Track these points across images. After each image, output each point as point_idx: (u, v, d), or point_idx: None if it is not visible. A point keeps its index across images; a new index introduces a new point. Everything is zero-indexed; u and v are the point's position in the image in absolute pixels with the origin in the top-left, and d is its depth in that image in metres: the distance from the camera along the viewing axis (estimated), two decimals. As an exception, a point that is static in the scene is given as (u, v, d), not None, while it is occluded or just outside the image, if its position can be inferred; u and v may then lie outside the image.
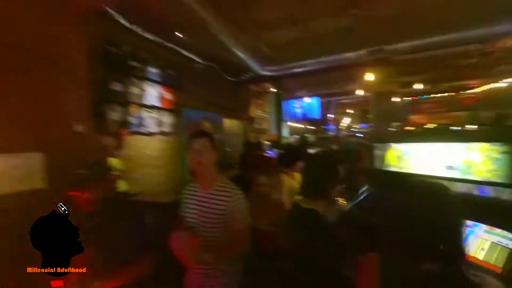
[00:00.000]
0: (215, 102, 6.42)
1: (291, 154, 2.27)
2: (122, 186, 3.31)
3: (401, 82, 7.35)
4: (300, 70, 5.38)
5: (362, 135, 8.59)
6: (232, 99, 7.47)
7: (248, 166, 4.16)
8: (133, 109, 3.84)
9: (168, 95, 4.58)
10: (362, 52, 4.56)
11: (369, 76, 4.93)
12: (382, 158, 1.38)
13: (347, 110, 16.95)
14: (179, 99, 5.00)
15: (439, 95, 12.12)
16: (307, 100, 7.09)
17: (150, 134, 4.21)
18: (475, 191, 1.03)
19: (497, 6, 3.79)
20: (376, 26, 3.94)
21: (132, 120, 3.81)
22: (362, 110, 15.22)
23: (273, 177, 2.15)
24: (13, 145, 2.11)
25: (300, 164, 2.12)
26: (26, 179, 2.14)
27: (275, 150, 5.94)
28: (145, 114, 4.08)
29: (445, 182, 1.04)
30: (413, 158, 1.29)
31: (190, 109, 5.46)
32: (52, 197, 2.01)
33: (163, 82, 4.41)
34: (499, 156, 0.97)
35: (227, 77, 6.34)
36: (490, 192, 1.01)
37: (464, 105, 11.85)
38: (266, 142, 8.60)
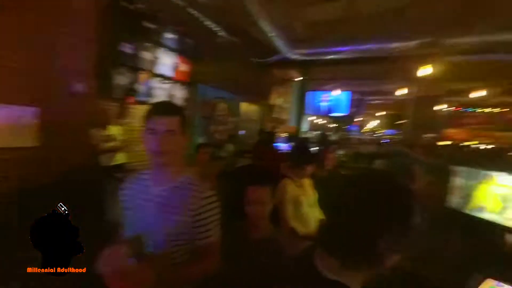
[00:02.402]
0: (235, 83, 6.00)
1: (302, 154, 1.74)
2: (119, 158, 3.08)
3: (450, 89, 6.33)
4: (331, 57, 4.71)
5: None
6: (253, 82, 6.99)
7: (257, 158, 3.77)
8: (143, 76, 3.53)
9: (183, 66, 4.22)
10: (412, 43, 3.80)
11: (415, 75, 4.16)
12: (468, 194, 0.83)
13: (377, 113, 15.74)
14: (196, 73, 4.63)
15: (487, 110, 10.66)
16: (335, 93, 6.39)
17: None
18: None
19: None
20: (434, 11, 3.10)
21: (140, 88, 3.51)
22: (394, 115, 13.96)
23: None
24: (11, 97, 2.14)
25: (310, 169, 1.65)
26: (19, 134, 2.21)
27: (291, 145, 5.48)
28: (155, 83, 3.76)
29: None
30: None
31: (207, 85, 5.09)
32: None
33: (180, 51, 4.03)
34: None
35: (251, 57, 5.83)
36: None
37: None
38: (282, 134, 8.11)
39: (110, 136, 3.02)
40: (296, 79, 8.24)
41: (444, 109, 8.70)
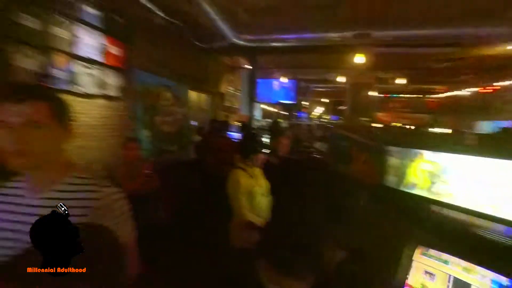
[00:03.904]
0: (180, 70, 5.54)
1: (253, 143, 1.67)
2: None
3: (378, 77, 7.21)
4: (278, 44, 4.74)
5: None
6: (201, 69, 6.60)
7: (209, 149, 3.59)
8: (59, 59, 2.90)
9: (115, 50, 3.64)
10: (347, 34, 4.09)
11: (350, 64, 4.56)
12: (401, 172, 0.86)
13: (322, 99, 16.98)
14: (132, 58, 4.07)
15: (407, 95, 12.71)
16: (283, 81, 6.54)
17: (87, 96, 3.31)
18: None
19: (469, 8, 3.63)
20: (362, 7, 3.47)
21: (58, 73, 2.88)
22: (336, 101, 15.30)
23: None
24: None
25: (262, 157, 1.61)
26: None
27: (242, 134, 5.42)
28: (80, 69, 3.15)
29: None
30: (459, 182, 0.73)
31: (146, 72, 4.54)
32: None
33: (108, 31, 3.44)
34: None
35: (195, 42, 5.43)
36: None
37: (427, 108, 12.51)
38: (236, 123, 7.99)
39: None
40: (244, 66, 8.12)
41: (375, 95, 9.92)
